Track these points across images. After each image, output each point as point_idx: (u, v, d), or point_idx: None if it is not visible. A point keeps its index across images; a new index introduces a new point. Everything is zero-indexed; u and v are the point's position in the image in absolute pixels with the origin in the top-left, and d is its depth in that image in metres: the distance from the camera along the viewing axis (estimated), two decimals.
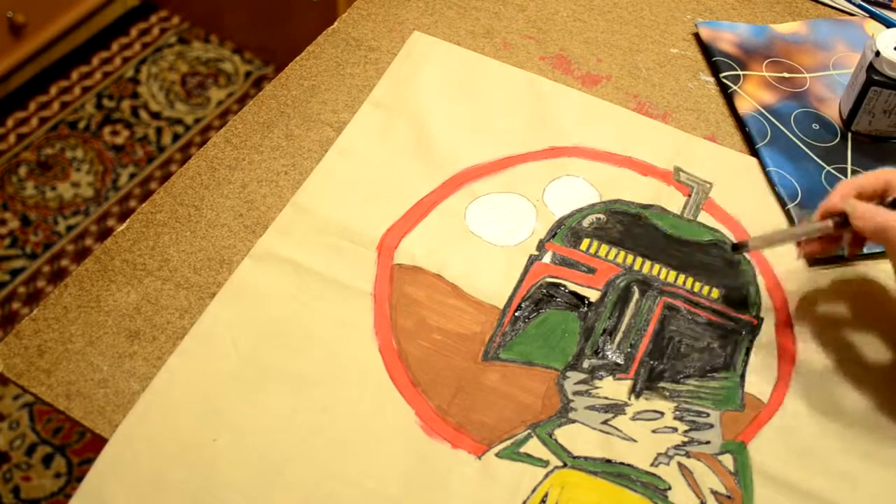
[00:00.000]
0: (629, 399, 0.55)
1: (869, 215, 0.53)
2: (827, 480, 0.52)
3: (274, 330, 0.56)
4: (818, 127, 0.70)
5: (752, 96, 0.71)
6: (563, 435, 0.53)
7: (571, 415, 0.54)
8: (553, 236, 0.62)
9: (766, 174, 0.66)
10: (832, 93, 0.72)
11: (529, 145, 0.67)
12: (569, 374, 0.55)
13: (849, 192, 0.54)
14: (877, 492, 0.52)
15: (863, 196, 0.55)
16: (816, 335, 0.58)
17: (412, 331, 0.57)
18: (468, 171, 0.65)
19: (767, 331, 0.58)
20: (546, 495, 0.50)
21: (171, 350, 0.55)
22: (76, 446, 1.31)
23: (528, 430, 0.53)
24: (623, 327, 0.58)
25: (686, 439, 0.53)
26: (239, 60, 1.81)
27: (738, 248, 0.58)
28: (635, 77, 0.73)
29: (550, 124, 0.68)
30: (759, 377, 0.56)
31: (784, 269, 0.61)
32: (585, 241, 0.62)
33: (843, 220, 0.54)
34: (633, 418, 0.54)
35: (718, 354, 0.57)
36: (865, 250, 0.61)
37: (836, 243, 0.57)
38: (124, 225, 0.62)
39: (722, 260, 0.61)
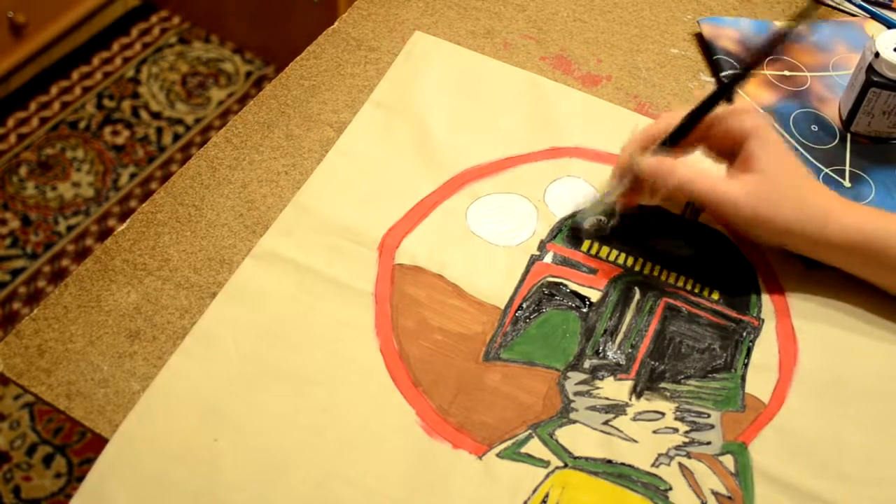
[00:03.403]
0: (630, 399, 0.55)
1: (651, 164, 0.56)
2: (828, 481, 0.52)
3: (275, 330, 0.56)
4: (817, 129, 0.70)
5: (753, 97, 0.71)
6: (564, 435, 0.53)
7: (572, 415, 0.54)
8: (554, 237, 0.62)
9: None
10: (832, 94, 0.72)
11: (530, 146, 0.67)
12: (570, 374, 0.55)
13: (633, 148, 0.58)
14: (877, 493, 0.52)
15: (646, 146, 0.58)
16: (817, 336, 0.58)
17: (413, 331, 0.57)
18: (469, 171, 0.65)
19: (768, 331, 0.58)
20: (547, 495, 0.50)
21: (172, 350, 0.55)
22: (76, 446, 1.31)
23: (529, 431, 0.53)
24: (624, 328, 0.58)
25: (687, 440, 0.53)
26: (239, 60, 1.81)
27: (575, 231, 0.61)
28: (635, 77, 0.73)
29: (551, 125, 0.68)
30: (759, 378, 0.56)
31: (785, 269, 0.61)
32: (586, 242, 0.62)
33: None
34: (633, 419, 0.54)
35: (719, 355, 0.57)
36: None
37: (642, 191, 0.59)
38: (124, 225, 0.62)
39: (723, 261, 0.61)
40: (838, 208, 0.56)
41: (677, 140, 0.57)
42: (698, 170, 0.56)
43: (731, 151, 0.57)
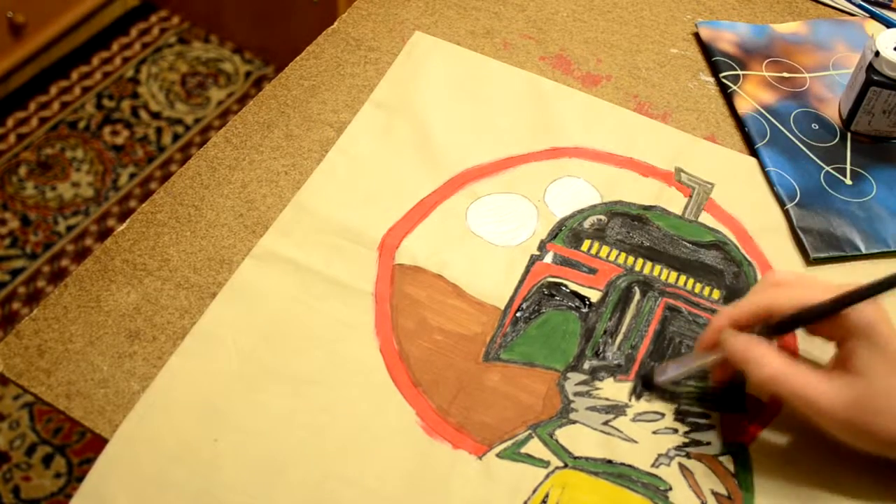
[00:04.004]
0: (630, 400, 0.55)
1: (740, 348, 0.50)
2: (827, 481, 0.52)
3: (275, 330, 0.56)
4: (817, 127, 0.70)
5: (752, 96, 0.71)
6: (564, 435, 0.53)
7: (572, 415, 0.54)
8: (554, 237, 0.62)
9: (766, 174, 0.66)
10: (832, 93, 0.72)
11: (530, 146, 0.67)
12: (569, 374, 0.55)
13: (724, 322, 0.51)
14: (877, 492, 0.52)
15: (741, 324, 0.51)
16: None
17: (413, 331, 0.57)
18: (469, 171, 0.65)
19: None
20: (547, 496, 0.50)
21: (172, 350, 0.55)
22: (76, 446, 1.31)
23: (529, 431, 0.53)
24: (624, 328, 0.58)
25: (687, 440, 0.53)
26: (239, 60, 1.81)
27: (646, 383, 0.55)
28: (635, 77, 0.73)
29: (551, 125, 0.68)
30: None
31: (785, 269, 0.61)
32: (586, 242, 0.62)
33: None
34: (633, 419, 0.54)
35: None
36: (864, 249, 0.61)
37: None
38: (124, 225, 0.62)
39: (723, 261, 0.61)
40: None
41: (787, 332, 0.51)
42: (792, 364, 0.49)
43: (832, 337, 0.51)
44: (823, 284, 0.50)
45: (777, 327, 0.50)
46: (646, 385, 0.55)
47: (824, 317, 0.49)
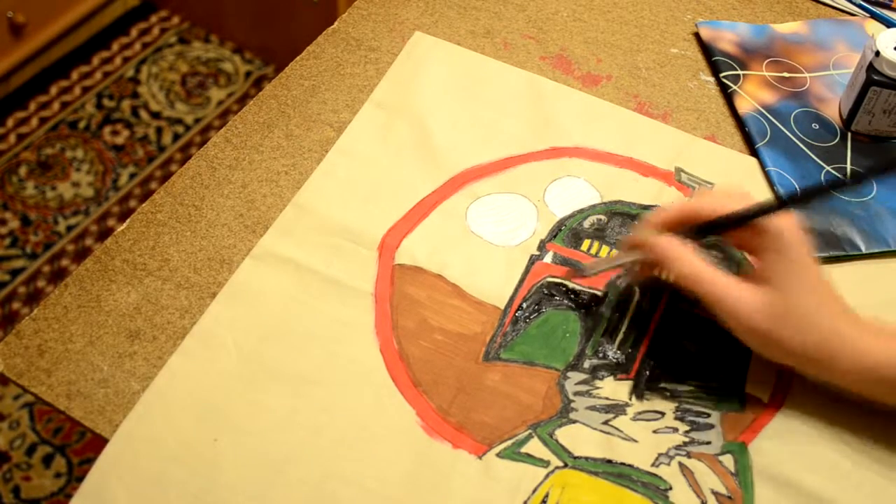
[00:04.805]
0: (630, 399, 0.55)
1: (662, 246, 0.53)
2: (827, 481, 0.52)
3: (275, 330, 0.56)
4: (818, 127, 0.70)
5: (752, 96, 0.71)
6: (564, 435, 0.53)
7: (572, 415, 0.54)
8: (554, 237, 0.62)
9: (766, 174, 0.66)
10: (832, 93, 0.72)
11: (530, 145, 0.67)
12: (570, 374, 0.55)
13: (649, 224, 0.55)
14: (877, 491, 0.52)
15: (665, 227, 0.54)
16: None
17: (413, 331, 0.57)
18: (469, 171, 0.65)
19: None
20: (547, 495, 0.50)
21: (172, 350, 0.55)
22: (76, 446, 1.31)
23: (529, 431, 0.53)
24: (624, 328, 0.58)
25: (687, 440, 0.53)
26: (239, 60, 1.81)
27: (577, 271, 0.58)
28: (635, 77, 0.73)
29: (551, 124, 0.68)
30: (759, 378, 0.56)
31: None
32: (586, 242, 0.62)
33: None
34: (633, 419, 0.54)
35: (719, 355, 0.57)
36: (864, 249, 0.61)
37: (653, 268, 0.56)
38: (124, 225, 0.62)
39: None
40: (852, 335, 0.50)
41: (706, 235, 0.54)
42: (710, 268, 0.52)
43: (749, 248, 0.54)
44: (746, 196, 0.53)
45: (696, 230, 0.53)
46: (576, 271, 0.58)
47: (738, 224, 0.52)
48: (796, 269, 0.50)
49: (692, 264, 0.52)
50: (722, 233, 0.54)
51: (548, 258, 0.61)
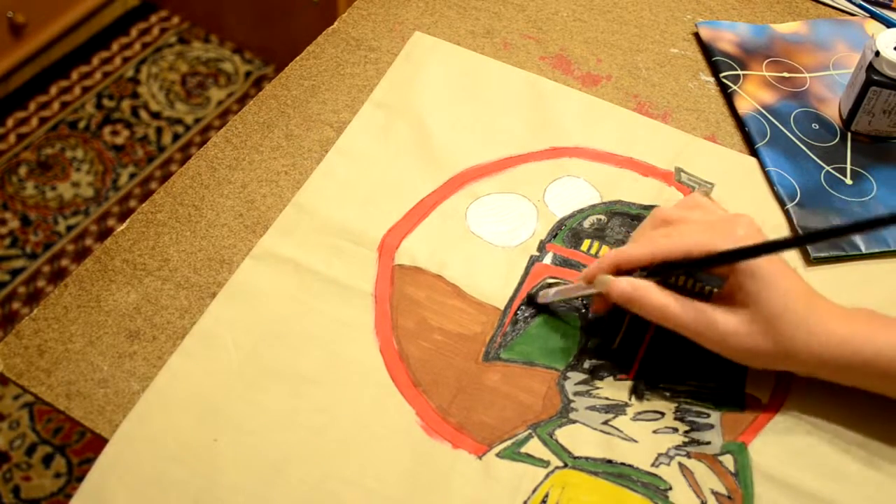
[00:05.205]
0: (630, 399, 0.55)
1: (626, 291, 0.52)
2: (827, 481, 0.52)
3: (274, 330, 0.56)
4: (818, 127, 0.70)
5: (752, 96, 0.71)
6: (564, 435, 0.53)
7: (572, 415, 0.54)
8: (554, 237, 0.62)
9: (766, 174, 0.66)
10: (832, 93, 0.72)
11: (530, 145, 0.67)
12: (569, 374, 0.55)
13: (606, 267, 0.54)
14: (876, 492, 0.52)
15: (624, 269, 0.53)
16: None
17: (413, 331, 0.57)
18: (469, 171, 0.65)
19: None
20: (547, 495, 0.50)
21: (172, 350, 0.55)
22: (76, 446, 1.31)
23: (529, 431, 0.53)
24: (624, 327, 0.58)
25: (687, 440, 0.53)
26: (239, 60, 1.81)
27: (531, 301, 0.58)
28: (635, 77, 0.73)
29: (551, 124, 0.68)
30: (759, 378, 0.56)
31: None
32: (586, 242, 0.62)
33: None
34: (633, 419, 0.54)
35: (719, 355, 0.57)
36: (864, 249, 0.61)
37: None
38: (124, 225, 0.62)
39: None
40: (828, 323, 0.51)
41: (668, 276, 0.54)
42: (677, 302, 0.52)
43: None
44: (701, 229, 0.53)
45: (655, 271, 0.53)
46: (531, 303, 0.58)
47: (700, 268, 0.53)
48: (765, 277, 0.50)
49: (658, 304, 0.52)
50: (687, 272, 0.55)
51: (547, 259, 0.61)
